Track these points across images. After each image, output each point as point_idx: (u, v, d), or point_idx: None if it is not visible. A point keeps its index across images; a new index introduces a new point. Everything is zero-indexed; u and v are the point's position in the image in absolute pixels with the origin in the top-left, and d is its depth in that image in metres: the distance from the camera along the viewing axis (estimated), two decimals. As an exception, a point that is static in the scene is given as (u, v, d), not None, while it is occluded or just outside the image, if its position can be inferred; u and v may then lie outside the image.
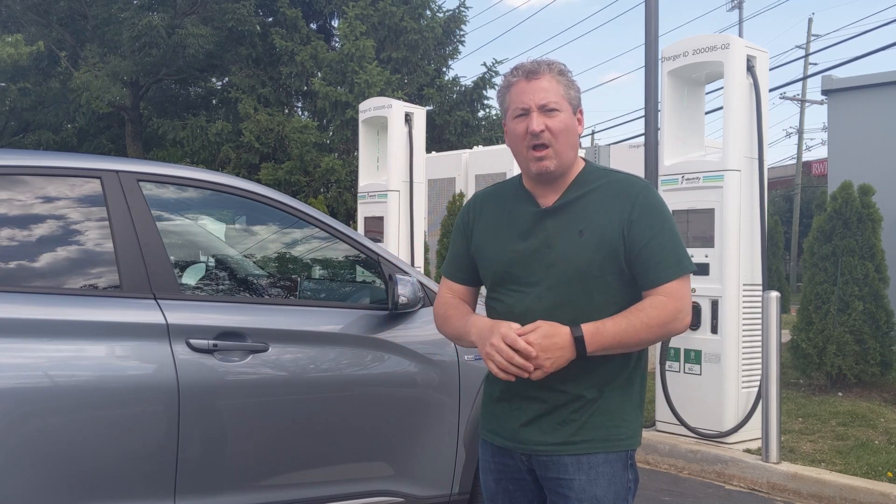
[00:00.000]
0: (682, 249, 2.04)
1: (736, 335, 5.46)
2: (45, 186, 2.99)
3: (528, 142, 2.02)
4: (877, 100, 10.86)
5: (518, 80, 2.05)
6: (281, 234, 3.73)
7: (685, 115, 5.91)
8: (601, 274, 2.00)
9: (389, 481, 3.34)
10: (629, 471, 2.07)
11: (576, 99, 2.07)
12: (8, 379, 2.66)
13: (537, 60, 2.07)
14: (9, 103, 23.02)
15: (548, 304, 2.00)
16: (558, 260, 2.01)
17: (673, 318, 1.98)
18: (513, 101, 2.05)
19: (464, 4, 20.82)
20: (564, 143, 2.03)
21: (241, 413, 3.04)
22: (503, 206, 2.14)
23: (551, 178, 2.06)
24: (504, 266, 2.07)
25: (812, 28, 37.88)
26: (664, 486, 5.13)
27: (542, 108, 2.01)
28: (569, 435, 2.02)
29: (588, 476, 2.01)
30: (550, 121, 2.01)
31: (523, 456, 2.08)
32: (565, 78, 2.06)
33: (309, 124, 18.51)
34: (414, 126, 8.43)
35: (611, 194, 2.04)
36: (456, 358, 3.47)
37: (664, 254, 2.00)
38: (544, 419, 2.03)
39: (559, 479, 2.02)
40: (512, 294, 2.06)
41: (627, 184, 2.07)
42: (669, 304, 1.98)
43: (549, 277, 2.01)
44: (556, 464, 2.03)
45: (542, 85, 2.02)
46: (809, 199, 28.74)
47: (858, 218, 6.98)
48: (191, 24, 18.57)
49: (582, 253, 2.00)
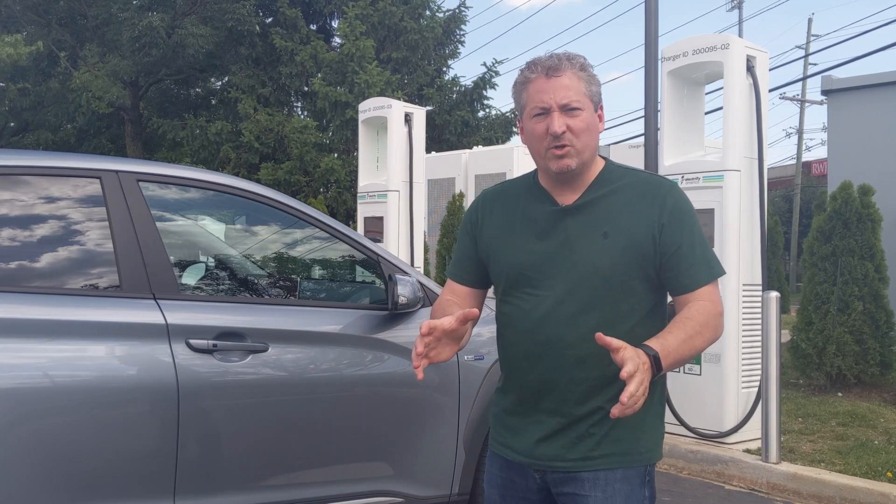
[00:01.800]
0: (711, 252, 1.97)
1: (736, 335, 5.46)
2: (44, 186, 2.98)
3: (548, 142, 1.90)
4: (877, 100, 10.85)
5: (537, 77, 1.91)
6: (281, 235, 3.73)
7: (685, 115, 5.91)
8: (627, 278, 1.90)
9: (389, 481, 3.34)
10: (646, 487, 1.97)
11: (597, 95, 1.94)
12: (7, 379, 2.65)
13: (557, 55, 1.93)
14: (8, 103, 23.00)
15: (571, 309, 1.89)
16: (580, 262, 1.90)
17: (718, 322, 1.90)
18: (531, 98, 1.92)
19: (464, 4, 20.82)
20: (586, 141, 1.91)
21: (240, 413, 3.03)
22: (516, 205, 2.02)
23: (571, 176, 1.95)
24: (519, 268, 1.96)
25: (812, 28, 37.89)
26: (664, 486, 5.12)
27: (563, 107, 1.88)
28: (588, 450, 1.92)
29: (604, 493, 1.91)
30: (572, 120, 1.89)
31: (536, 473, 1.97)
32: (586, 73, 1.93)
33: (309, 124, 18.50)
34: (414, 126, 8.43)
35: (637, 194, 1.94)
36: (456, 358, 3.47)
37: (697, 257, 1.91)
38: (563, 434, 1.93)
39: (575, 496, 1.93)
40: (528, 298, 1.94)
41: (654, 184, 1.96)
42: (713, 309, 1.89)
43: (569, 281, 1.90)
44: (573, 480, 1.93)
45: (564, 82, 1.89)
46: (809, 199, 28.73)
47: (858, 218, 6.98)
48: (190, 24, 18.55)
49: (606, 255, 1.89)
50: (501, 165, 10.70)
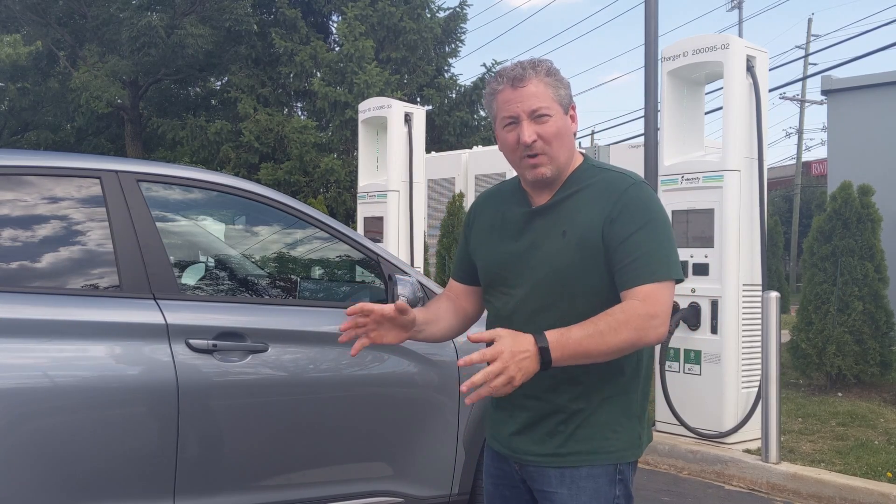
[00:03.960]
0: (666, 252, 1.87)
1: (736, 335, 5.45)
2: (44, 186, 2.98)
3: (521, 152, 1.93)
4: (877, 100, 10.85)
5: (503, 88, 1.93)
6: (281, 235, 3.73)
7: (685, 115, 5.91)
8: (583, 276, 1.89)
9: (389, 481, 3.34)
10: (616, 486, 1.93)
11: (566, 97, 1.95)
12: (7, 379, 2.65)
13: (522, 63, 1.94)
14: (7, 103, 23.03)
15: (531, 307, 1.94)
16: (543, 262, 1.93)
17: (644, 324, 1.78)
18: (500, 109, 1.94)
19: (464, 3, 20.82)
20: (559, 147, 1.93)
21: (240, 413, 3.03)
22: (499, 207, 2.09)
23: (548, 181, 1.98)
24: (494, 268, 2.04)
25: (812, 28, 37.92)
26: (664, 486, 5.12)
27: (531, 114, 1.90)
28: (556, 447, 1.94)
29: (570, 490, 1.92)
30: (541, 128, 1.90)
31: (515, 465, 2.04)
32: (553, 78, 1.93)
33: (308, 124, 18.51)
34: (413, 126, 8.42)
35: (598, 192, 1.93)
36: (456, 358, 3.46)
37: (641, 253, 1.84)
38: (533, 429, 1.97)
39: (544, 492, 1.97)
40: (500, 297, 2.02)
41: (617, 181, 1.94)
42: (640, 308, 1.78)
43: (532, 280, 1.94)
44: (541, 475, 1.97)
45: (530, 91, 1.90)
46: (809, 199, 28.75)
47: (858, 218, 6.98)
48: (189, 24, 18.55)
49: (565, 254, 1.90)
50: (501, 165, 10.70)
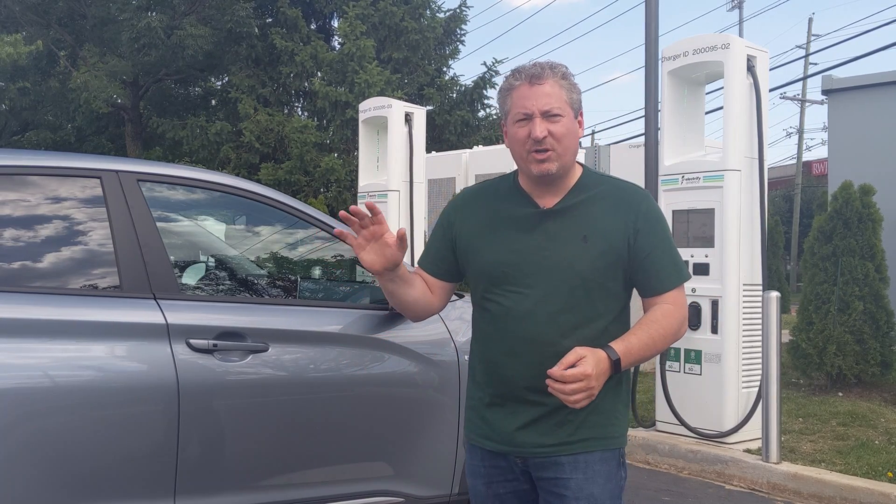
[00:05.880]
0: (679, 258, 2.13)
1: (736, 335, 5.46)
2: (44, 186, 2.98)
3: (529, 146, 2.03)
4: (877, 100, 10.86)
5: (521, 84, 2.04)
6: (281, 235, 3.73)
7: (685, 115, 5.91)
8: (603, 280, 2.03)
9: (389, 481, 3.34)
10: (622, 468, 2.12)
11: (577, 102, 2.07)
12: (7, 379, 2.65)
13: (540, 63, 2.06)
14: (8, 103, 23.00)
15: (552, 308, 2.01)
16: (560, 264, 2.02)
17: (680, 325, 2.09)
18: (515, 105, 2.05)
19: (465, 4, 20.81)
20: (566, 146, 2.04)
21: (240, 413, 3.03)
22: (496, 206, 2.14)
23: (551, 179, 2.07)
24: (500, 266, 2.07)
25: (812, 28, 37.85)
26: (664, 486, 5.12)
27: (545, 113, 2.01)
28: (566, 435, 2.03)
29: (585, 475, 2.03)
30: (553, 126, 2.02)
31: (518, 459, 2.08)
32: (567, 82, 2.06)
33: (309, 124, 18.50)
34: (414, 126, 8.43)
35: (614, 201, 2.08)
36: (456, 358, 3.47)
37: (666, 263, 2.08)
38: (542, 422, 2.04)
39: (556, 479, 2.03)
40: (509, 295, 2.05)
41: (630, 192, 2.12)
42: (677, 313, 2.08)
43: (549, 281, 2.02)
44: (552, 464, 2.04)
45: (546, 90, 2.02)
46: (809, 199, 28.75)
47: (859, 218, 6.98)
48: (189, 25, 18.54)
49: (586, 258, 2.02)
50: (501, 165, 10.66)
